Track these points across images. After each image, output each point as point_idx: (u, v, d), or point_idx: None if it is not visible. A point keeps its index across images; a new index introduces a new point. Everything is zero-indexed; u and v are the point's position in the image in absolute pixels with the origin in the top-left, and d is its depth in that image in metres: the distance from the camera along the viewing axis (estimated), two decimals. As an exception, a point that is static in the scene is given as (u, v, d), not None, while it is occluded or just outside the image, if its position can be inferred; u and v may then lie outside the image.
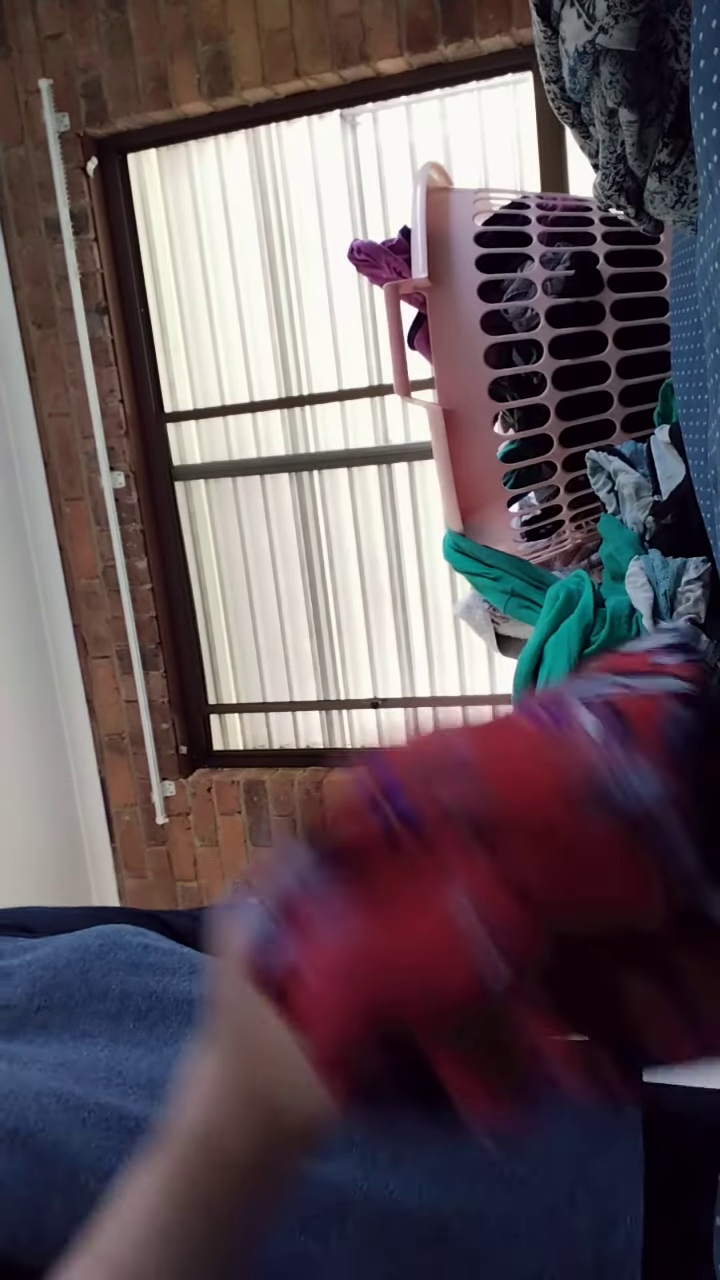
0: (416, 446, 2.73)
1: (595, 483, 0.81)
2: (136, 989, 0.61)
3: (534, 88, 2.40)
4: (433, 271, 0.93)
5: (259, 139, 2.74)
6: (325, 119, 2.66)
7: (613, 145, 0.57)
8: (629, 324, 0.97)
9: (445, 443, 0.95)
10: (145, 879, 3.16)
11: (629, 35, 0.51)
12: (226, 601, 3.11)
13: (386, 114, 2.64)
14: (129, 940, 0.65)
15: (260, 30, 2.49)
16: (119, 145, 2.76)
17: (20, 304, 2.85)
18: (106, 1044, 0.59)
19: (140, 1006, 0.60)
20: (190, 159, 2.81)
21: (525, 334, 0.96)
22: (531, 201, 1.03)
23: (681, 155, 0.55)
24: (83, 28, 2.63)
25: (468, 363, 0.94)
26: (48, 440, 2.92)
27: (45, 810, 3.04)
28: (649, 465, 0.78)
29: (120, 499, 2.89)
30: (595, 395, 0.97)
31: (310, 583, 2.99)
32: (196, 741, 3.13)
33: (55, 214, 2.72)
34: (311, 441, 2.88)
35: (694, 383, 0.69)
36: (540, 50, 0.60)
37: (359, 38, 2.42)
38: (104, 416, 2.83)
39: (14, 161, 2.76)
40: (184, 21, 2.54)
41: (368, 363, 2.78)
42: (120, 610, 2.95)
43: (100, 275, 2.77)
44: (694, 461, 0.71)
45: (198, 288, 2.89)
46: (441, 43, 2.36)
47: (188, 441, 2.99)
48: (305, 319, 2.81)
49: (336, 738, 3.07)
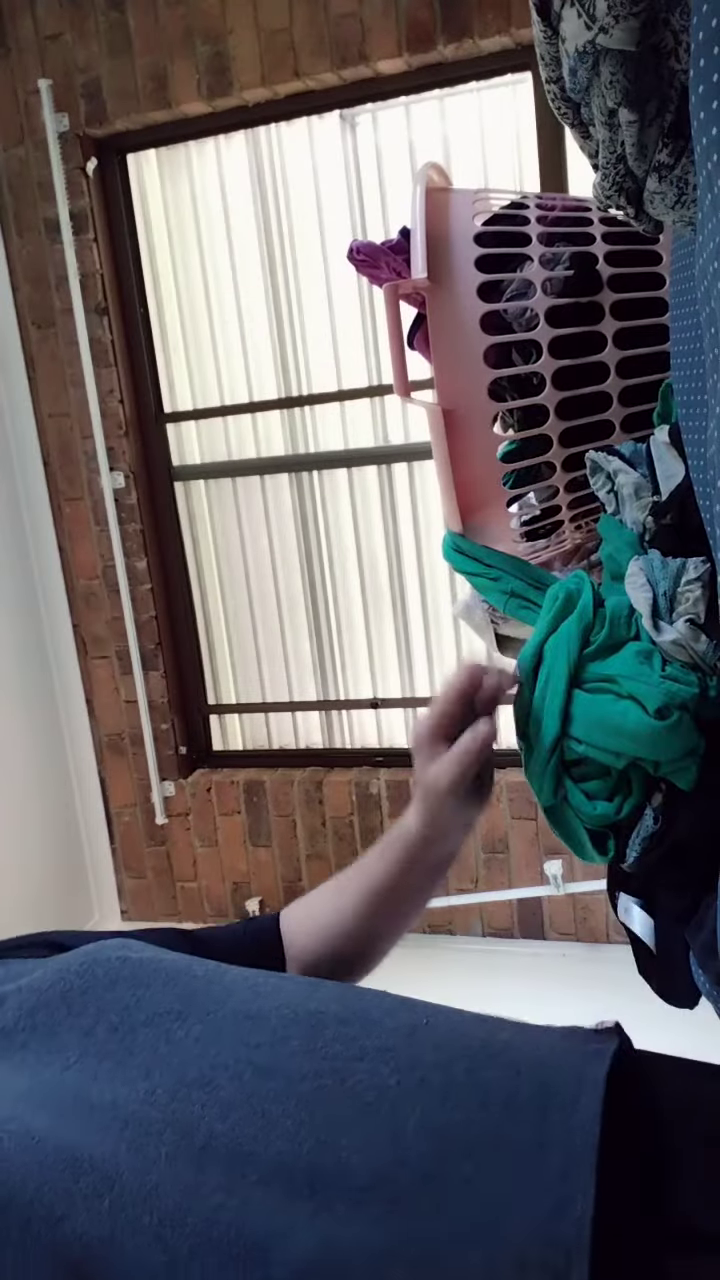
0: (416, 447, 2.73)
1: (595, 483, 0.81)
2: (111, 1004, 0.63)
3: (533, 88, 2.40)
4: (432, 272, 0.93)
5: (258, 139, 2.74)
6: (325, 119, 2.66)
7: (613, 145, 0.57)
8: (628, 324, 0.97)
9: (444, 443, 0.95)
10: (145, 879, 3.16)
11: (629, 35, 0.51)
12: (226, 601, 3.11)
13: (386, 114, 2.64)
14: (108, 956, 0.67)
15: (260, 30, 2.49)
16: (118, 145, 2.76)
17: (20, 304, 2.85)
18: (77, 1058, 0.60)
19: (113, 1020, 0.62)
20: (190, 159, 2.81)
21: (525, 334, 0.96)
22: (531, 202, 1.03)
23: (681, 155, 0.55)
24: (82, 28, 2.63)
25: (467, 363, 0.94)
26: (47, 440, 2.92)
27: (45, 810, 3.04)
28: (649, 466, 0.78)
29: (120, 499, 2.89)
30: (595, 395, 0.97)
31: (310, 583, 2.99)
32: (196, 742, 3.13)
33: (55, 214, 2.72)
34: (311, 442, 2.88)
35: (693, 383, 0.69)
36: (540, 50, 0.60)
37: (358, 38, 2.42)
38: (104, 417, 2.83)
39: (13, 162, 2.76)
40: (183, 22, 2.54)
41: (367, 363, 2.78)
42: (120, 610, 2.95)
43: (100, 276, 2.77)
44: (693, 462, 0.71)
45: (197, 288, 2.89)
46: (441, 43, 2.36)
47: (187, 442, 2.99)
48: (305, 319, 2.81)
49: (336, 738, 3.07)
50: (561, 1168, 0.53)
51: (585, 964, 2.70)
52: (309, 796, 2.93)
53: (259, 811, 2.99)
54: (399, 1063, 0.59)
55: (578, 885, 2.68)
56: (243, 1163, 0.54)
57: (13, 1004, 0.64)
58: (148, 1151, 0.54)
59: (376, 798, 2.86)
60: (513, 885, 2.78)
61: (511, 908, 2.81)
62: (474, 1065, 0.60)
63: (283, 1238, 0.52)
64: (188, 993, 0.64)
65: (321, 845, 2.95)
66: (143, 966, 0.66)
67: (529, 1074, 0.59)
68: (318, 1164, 0.54)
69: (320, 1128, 0.56)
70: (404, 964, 0.97)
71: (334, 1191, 0.53)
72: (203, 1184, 0.53)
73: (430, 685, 2.92)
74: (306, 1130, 0.55)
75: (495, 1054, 0.61)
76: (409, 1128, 0.56)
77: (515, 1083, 0.58)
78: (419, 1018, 0.64)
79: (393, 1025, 0.63)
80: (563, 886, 2.67)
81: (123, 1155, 0.54)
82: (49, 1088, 0.58)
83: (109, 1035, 0.61)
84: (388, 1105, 0.57)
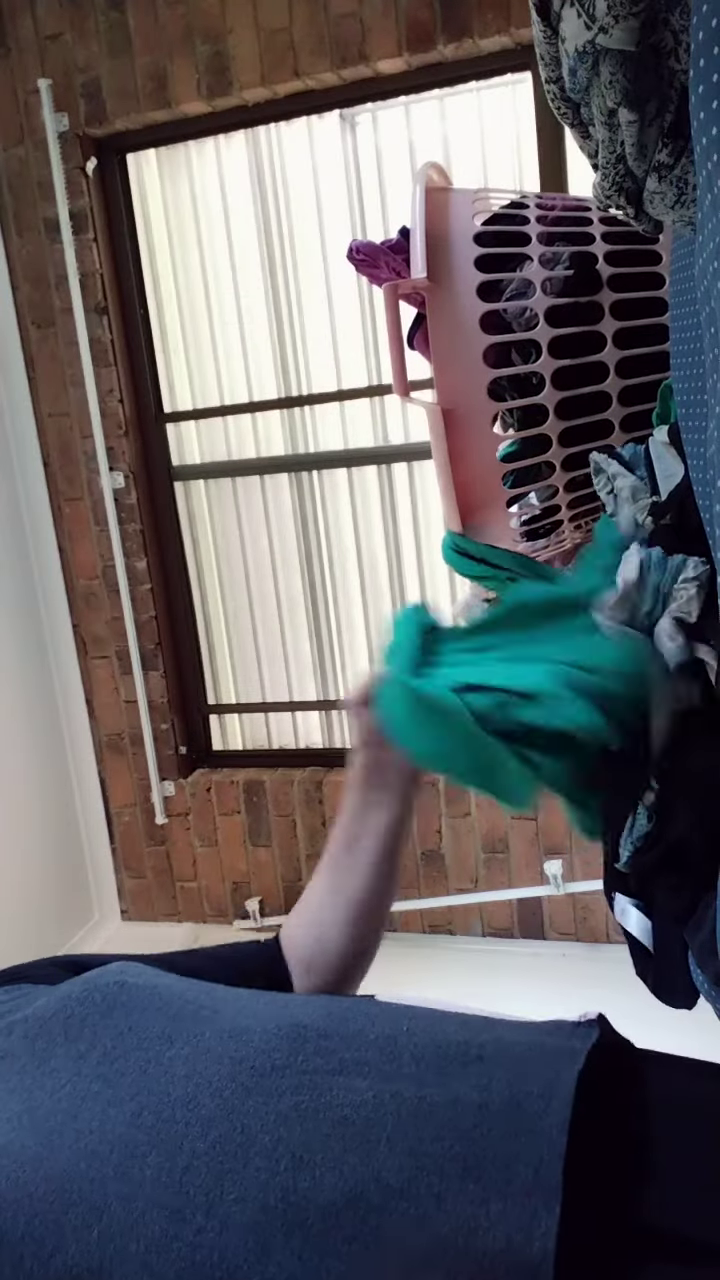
0: (416, 446, 2.73)
1: (598, 483, 0.81)
2: (107, 1030, 0.65)
3: (533, 88, 2.40)
4: (432, 271, 0.93)
5: (258, 139, 2.74)
6: (324, 119, 2.66)
7: (612, 145, 0.57)
8: (628, 324, 0.97)
9: (444, 443, 0.95)
10: (145, 879, 3.16)
11: (629, 35, 0.51)
12: (226, 601, 3.11)
13: (386, 114, 2.64)
14: (106, 982, 0.69)
15: (259, 30, 2.49)
16: (118, 145, 2.76)
17: (20, 304, 2.85)
18: (69, 1082, 0.62)
19: (107, 1045, 0.64)
20: (189, 159, 2.81)
21: (524, 334, 0.96)
22: (531, 201, 1.03)
23: (681, 155, 0.55)
24: (82, 28, 2.63)
25: (467, 362, 0.94)
26: (47, 440, 2.92)
27: (45, 810, 3.04)
28: (647, 468, 0.78)
29: (120, 499, 2.89)
30: (594, 395, 0.97)
31: (310, 583, 2.99)
32: (196, 742, 3.13)
33: (54, 214, 2.72)
34: (311, 442, 2.88)
35: (693, 383, 0.69)
36: (540, 50, 0.60)
37: (358, 38, 2.42)
38: (103, 417, 2.83)
39: (13, 161, 2.76)
40: (183, 21, 2.54)
41: (367, 363, 2.77)
42: (120, 610, 2.95)
43: (99, 275, 2.77)
44: (693, 462, 0.71)
45: (197, 288, 2.89)
46: (441, 43, 2.36)
47: (187, 442, 2.99)
48: (304, 319, 2.81)
49: (336, 738, 3.07)
50: (529, 1183, 0.54)
51: (585, 964, 2.70)
52: (309, 796, 2.93)
53: (259, 811, 2.99)
54: (376, 1074, 0.61)
55: (578, 885, 2.67)
56: (222, 1180, 0.56)
57: (19, 1033, 0.67)
58: (133, 1175, 0.56)
59: (376, 798, 2.86)
60: (513, 885, 2.78)
61: (511, 908, 2.81)
62: (448, 1076, 0.61)
63: (260, 1261, 0.53)
64: (178, 1016, 0.66)
65: (321, 845, 2.94)
66: (139, 993, 0.68)
67: (502, 1082, 0.60)
68: (292, 1184, 0.55)
69: (296, 1145, 0.57)
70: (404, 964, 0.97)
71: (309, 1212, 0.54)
72: (185, 1207, 0.55)
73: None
74: (284, 1147, 0.57)
75: (470, 1062, 0.62)
76: (382, 1143, 0.57)
77: (486, 1095, 0.59)
78: (400, 1025, 0.66)
79: (374, 1035, 0.64)
80: (563, 886, 2.67)
81: (110, 1182, 0.56)
82: (42, 1113, 0.60)
83: (101, 1060, 0.63)
84: (362, 1120, 0.58)
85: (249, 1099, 0.59)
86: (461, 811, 2.78)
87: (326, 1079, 0.60)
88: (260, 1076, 0.61)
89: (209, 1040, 0.64)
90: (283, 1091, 0.60)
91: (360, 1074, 0.61)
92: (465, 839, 2.80)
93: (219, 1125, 0.58)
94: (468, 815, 2.78)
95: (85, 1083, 0.62)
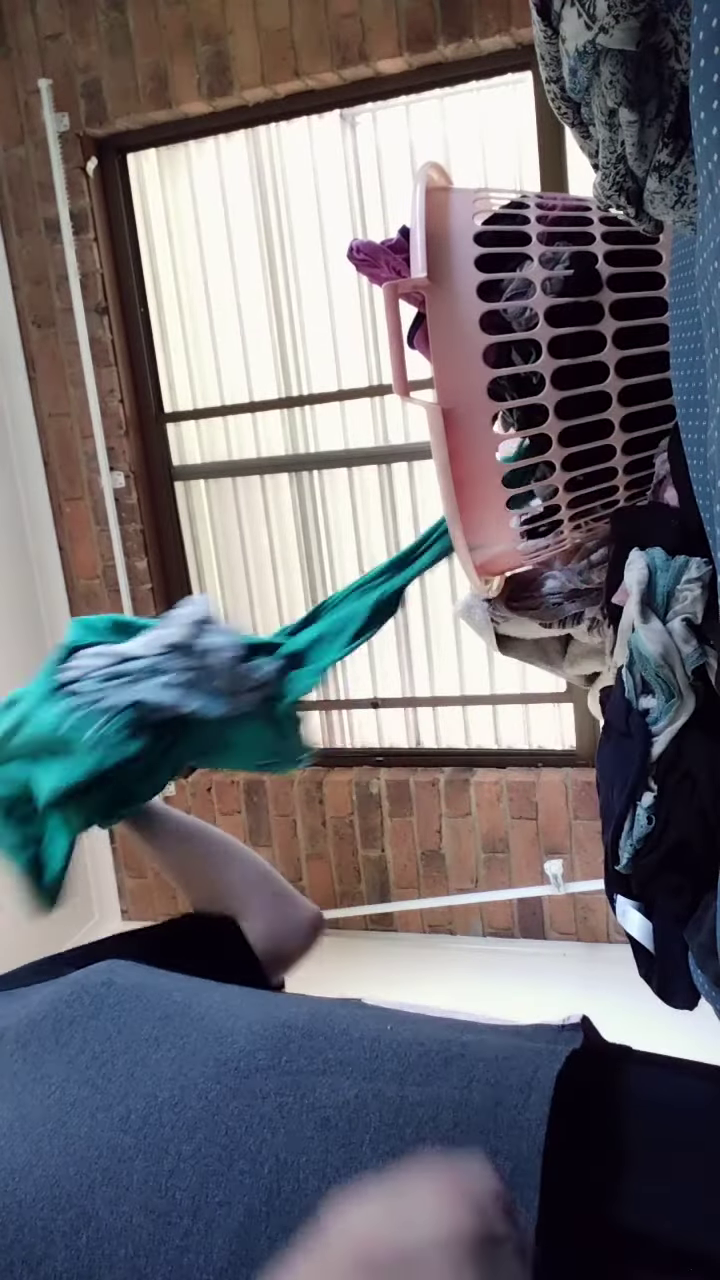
0: (416, 446, 2.73)
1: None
2: (95, 1033, 0.66)
3: (534, 88, 2.40)
4: (432, 271, 0.93)
5: (258, 139, 2.74)
6: (325, 119, 2.66)
7: (613, 145, 0.57)
8: (628, 324, 0.97)
9: (444, 442, 0.95)
10: (145, 879, 3.16)
11: (629, 35, 0.51)
12: (226, 602, 3.11)
13: (386, 114, 2.64)
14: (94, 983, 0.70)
15: (260, 30, 2.49)
16: (118, 145, 2.76)
17: (20, 304, 2.85)
18: (59, 1087, 0.62)
19: (95, 1049, 0.65)
20: (190, 159, 2.81)
21: (524, 333, 0.96)
22: (531, 201, 1.03)
23: (681, 155, 0.55)
24: (82, 28, 2.63)
25: (467, 362, 0.94)
26: (48, 440, 2.92)
27: (45, 810, 3.04)
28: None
29: (120, 499, 2.89)
30: (594, 395, 0.97)
31: (310, 583, 2.99)
32: (196, 741, 3.13)
33: (55, 214, 2.72)
34: (311, 441, 2.88)
35: (693, 383, 0.69)
36: (540, 50, 0.60)
37: (359, 37, 2.42)
38: (104, 417, 2.83)
39: (14, 161, 2.76)
40: (183, 21, 2.54)
41: (367, 363, 2.77)
42: (120, 610, 2.95)
43: (100, 275, 2.77)
44: (693, 462, 0.71)
45: (197, 288, 2.89)
46: (441, 43, 2.36)
47: (187, 441, 2.99)
48: (305, 319, 2.81)
49: (336, 738, 3.07)
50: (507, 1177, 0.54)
51: (585, 964, 2.70)
52: (309, 796, 2.93)
53: (259, 811, 2.99)
54: (359, 1073, 0.61)
55: (578, 885, 2.67)
56: (207, 1184, 0.56)
57: (10, 1038, 0.67)
58: (120, 1180, 0.56)
59: (377, 797, 2.86)
60: (513, 885, 2.78)
61: (512, 907, 2.81)
62: (429, 1075, 0.61)
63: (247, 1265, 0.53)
64: (165, 1017, 0.67)
65: (321, 845, 2.95)
66: (126, 994, 0.69)
67: (482, 1081, 0.60)
68: (276, 1187, 0.55)
69: (280, 1147, 0.57)
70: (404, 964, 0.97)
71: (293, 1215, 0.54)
72: (172, 1211, 0.55)
73: (430, 685, 2.92)
74: (268, 1149, 0.57)
75: (451, 1059, 0.62)
76: (365, 1145, 0.57)
77: (467, 1094, 0.59)
78: (384, 1025, 0.66)
79: (358, 1035, 0.64)
80: (563, 886, 2.67)
81: (98, 1187, 0.56)
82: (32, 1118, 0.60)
83: (90, 1063, 0.64)
84: (345, 1122, 0.58)
85: (233, 1101, 0.59)
86: (462, 811, 2.78)
87: (310, 1079, 0.61)
88: (244, 1078, 0.61)
89: (195, 1042, 0.64)
90: (266, 1093, 0.60)
91: (344, 1073, 0.61)
92: (465, 839, 2.80)
93: (204, 1128, 0.58)
94: (468, 815, 2.78)
95: (74, 1088, 0.62)
